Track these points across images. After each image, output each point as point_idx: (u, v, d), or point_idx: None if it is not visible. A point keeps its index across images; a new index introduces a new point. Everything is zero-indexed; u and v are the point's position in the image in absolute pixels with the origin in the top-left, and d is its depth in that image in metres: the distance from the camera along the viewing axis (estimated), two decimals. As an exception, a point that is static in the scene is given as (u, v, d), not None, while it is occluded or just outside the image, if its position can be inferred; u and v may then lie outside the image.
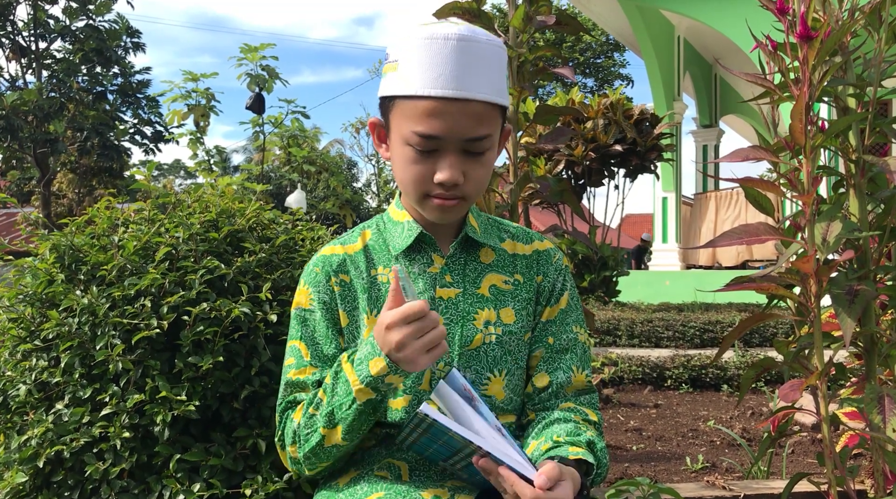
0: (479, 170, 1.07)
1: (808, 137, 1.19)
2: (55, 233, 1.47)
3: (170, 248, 1.35)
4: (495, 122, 1.07)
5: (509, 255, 1.18)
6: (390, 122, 1.08)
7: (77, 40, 14.79)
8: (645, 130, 6.65)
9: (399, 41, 1.07)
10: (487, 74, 1.04)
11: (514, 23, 1.78)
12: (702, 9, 9.38)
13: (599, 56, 18.49)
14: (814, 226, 1.21)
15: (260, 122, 8.46)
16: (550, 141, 1.82)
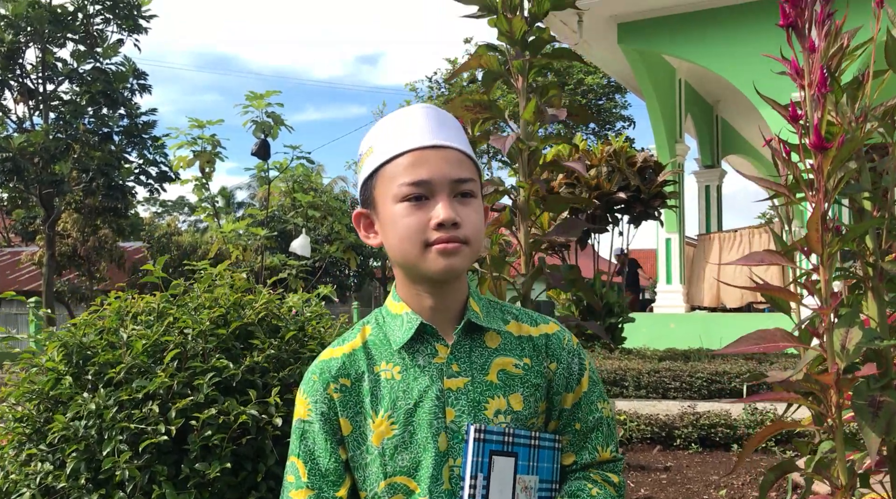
0: (471, 214, 1.09)
1: (824, 246, 1.17)
2: (65, 332, 1.46)
3: (179, 349, 1.33)
4: (475, 172, 1.12)
5: (515, 337, 1.17)
6: (376, 197, 1.11)
7: (84, 83, 14.94)
8: (648, 177, 6.67)
9: (369, 134, 1.15)
10: (457, 133, 1.13)
11: (526, 116, 1.79)
12: (703, 54, 9.47)
13: (601, 98, 18.67)
14: (832, 334, 1.20)
15: (265, 167, 8.51)
16: (562, 233, 1.81)
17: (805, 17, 1.26)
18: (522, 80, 1.83)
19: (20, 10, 13.17)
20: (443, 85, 19.65)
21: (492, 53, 1.86)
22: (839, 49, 1.28)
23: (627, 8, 9.66)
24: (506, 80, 1.73)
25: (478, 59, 1.89)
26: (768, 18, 8.91)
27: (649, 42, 9.93)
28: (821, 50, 1.25)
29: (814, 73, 1.25)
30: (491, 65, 1.84)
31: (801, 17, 1.26)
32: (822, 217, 1.17)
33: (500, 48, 1.89)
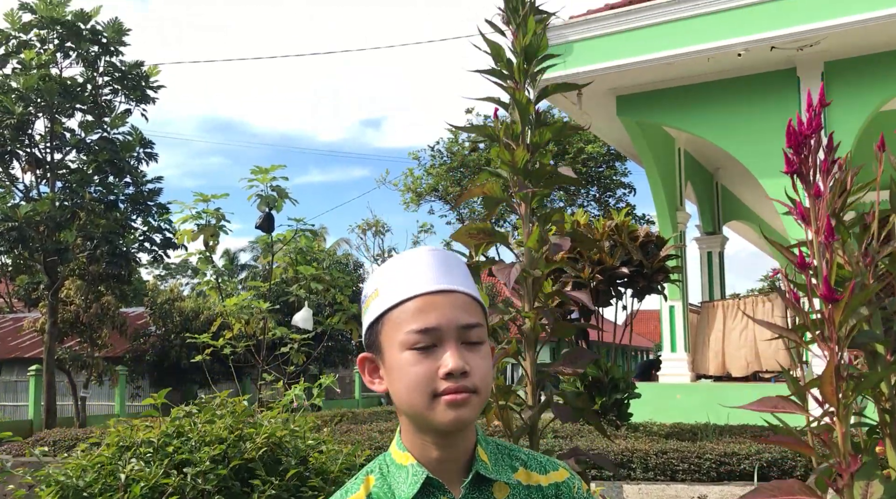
0: (480, 361, 1.07)
1: (839, 399, 1.15)
2: (60, 473, 1.43)
3: (177, 494, 1.31)
4: (483, 316, 1.11)
5: (524, 487, 1.14)
6: (382, 343, 1.09)
7: (91, 152, 15.14)
8: (651, 252, 6.70)
9: (374, 276, 1.14)
10: (464, 276, 1.11)
11: (530, 244, 1.80)
12: (702, 126, 9.60)
13: (601, 165, 18.89)
14: (853, 488, 1.17)
15: (269, 240, 8.56)
16: (570, 364, 1.80)
17: (809, 164, 1.27)
18: (525, 208, 1.85)
19: (31, 82, 13.44)
20: (445, 154, 19.92)
21: (495, 179, 1.88)
22: (843, 191, 1.29)
23: (626, 81, 9.82)
24: (508, 205, 1.74)
25: (481, 188, 1.91)
26: (767, 91, 9.06)
27: (648, 114, 10.08)
28: (826, 199, 1.25)
29: (820, 220, 1.25)
30: (494, 191, 1.87)
31: (805, 165, 1.26)
32: (836, 369, 1.15)
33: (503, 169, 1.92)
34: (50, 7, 14.18)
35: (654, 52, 9.06)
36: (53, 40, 14.78)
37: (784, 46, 8.31)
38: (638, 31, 9.25)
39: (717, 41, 8.59)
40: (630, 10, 9.29)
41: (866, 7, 7.53)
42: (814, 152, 1.26)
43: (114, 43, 15.23)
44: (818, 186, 1.25)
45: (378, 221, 24.88)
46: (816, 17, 7.87)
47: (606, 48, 9.50)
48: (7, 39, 14.05)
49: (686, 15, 8.84)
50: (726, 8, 8.55)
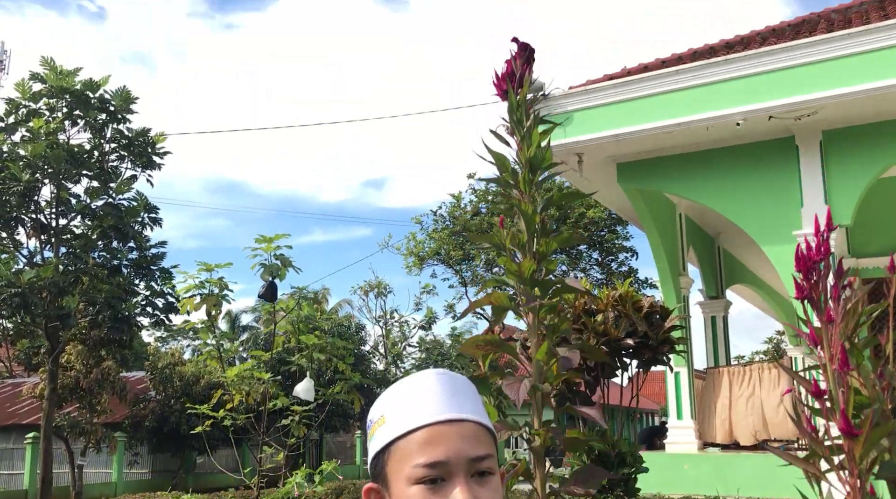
0: (491, 495, 1.04)
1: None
2: None
3: None
4: (492, 445, 1.08)
5: None
6: (388, 475, 1.07)
7: (96, 217, 15.23)
8: (655, 323, 6.68)
9: (380, 401, 1.12)
10: (473, 401, 1.09)
11: (539, 356, 1.80)
12: (703, 193, 9.69)
13: (603, 230, 19.00)
14: None
15: (272, 309, 8.55)
16: (580, 483, 1.78)
17: (820, 289, 1.27)
18: (533, 318, 1.86)
19: (39, 150, 13.61)
20: (447, 218, 20.07)
21: (502, 290, 1.90)
22: (855, 312, 1.29)
23: (625, 149, 9.95)
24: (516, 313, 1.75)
25: (488, 297, 1.92)
26: (766, 159, 9.16)
27: (648, 181, 10.17)
28: (839, 327, 1.25)
29: (834, 347, 1.24)
30: (501, 301, 1.88)
31: (815, 290, 1.27)
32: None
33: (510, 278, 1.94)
34: (60, 77, 14.46)
35: (652, 122, 9.20)
36: (62, 109, 15.02)
37: (782, 116, 8.44)
38: (636, 101, 9.41)
39: (715, 111, 8.73)
40: (628, 81, 9.48)
41: (862, 78, 7.68)
42: (823, 277, 1.27)
43: (121, 111, 15.47)
44: (830, 312, 1.25)
45: (380, 283, 24.91)
46: (813, 88, 8.01)
47: (606, 117, 9.65)
48: (17, 108, 14.29)
49: (684, 85, 9.00)
50: (724, 79, 8.72)
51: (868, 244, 10.69)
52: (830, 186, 8.49)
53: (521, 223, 1.98)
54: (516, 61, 2.25)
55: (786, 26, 10.38)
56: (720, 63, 8.72)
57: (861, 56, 7.69)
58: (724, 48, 10.26)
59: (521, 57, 2.25)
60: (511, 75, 2.20)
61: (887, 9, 9.31)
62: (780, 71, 8.28)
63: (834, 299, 1.26)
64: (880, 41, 7.56)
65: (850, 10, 10.19)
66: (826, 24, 9.71)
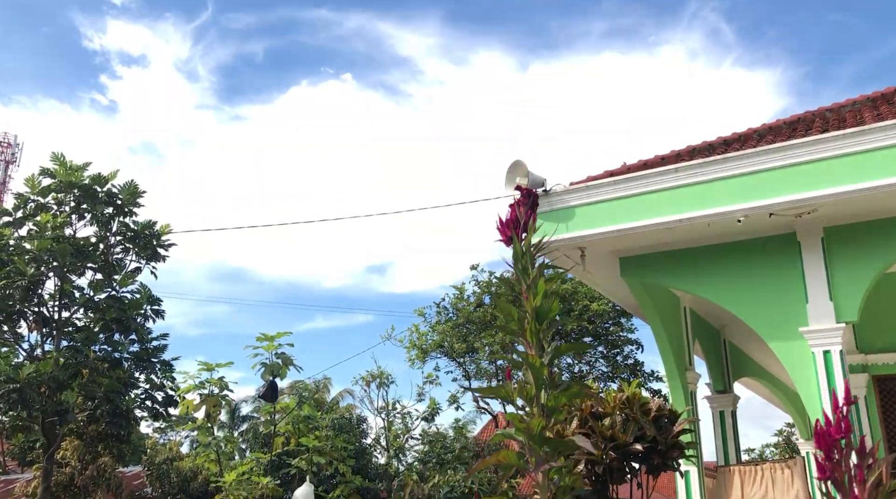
0: None
1: None
2: None
3: None
4: None
5: None
6: None
7: (99, 310, 15.20)
8: (664, 426, 6.54)
9: None
10: None
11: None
12: (706, 288, 9.65)
13: (607, 322, 18.93)
14: None
15: (272, 409, 8.40)
16: None
17: (843, 469, 1.23)
18: (544, 478, 1.81)
19: (45, 244, 13.73)
20: (451, 310, 20.02)
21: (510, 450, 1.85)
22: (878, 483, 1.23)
23: (628, 243, 9.97)
24: (524, 471, 1.70)
25: (496, 456, 1.88)
26: (768, 255, 9.16)
27: (651, 275, 10.16)
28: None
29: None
30: (509, 459, 1.83)
31: (838, 470, 1.22)
32: None
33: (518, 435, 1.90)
34: (69, 172, 14.72)
35: (654, 218, 9.24)
36: (70, 203, 15.23)
37: (782, 213, 8.49)
38: (637, 198, 9.49)
39: (715, 208, 8.78)
40: (629, 178, 9.57)
41: (860, 177, 7.75)
42: (846, 456, 1.22)
43: (128, 204, 15.69)
44: (854, 494, 1.20)
45: (382, 373, 24.60)
46: (812, 186, 8.07)
47: (607, 212, 9.71)
48: (26, 203, 14.50)
49: (684, 183, 9.09)
50: (723, 176, 8.80)
51: (876, 340, 10.58)
52: (834, 282, 8.46)
53: (528, 375, 1.94)
54: (520, 208, 2.25)
55: (782, 124, 10.58)
56: (719, 161, 8.83)
57: (858, 156, 7.79)
58: (722, 145, 10.43)
59: (524, 204, 2.26)
60: (515, 222, 2.20)
61: (880, 108, 9.51)
62: (779, 169, 8.36)
63: (859, 483, 1.22)
64: (875, 142, 7.68)
65: (843, 108, 10.41)
66: (821, 123, 9.89)
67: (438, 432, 26.57)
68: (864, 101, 10.43)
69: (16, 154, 72.08)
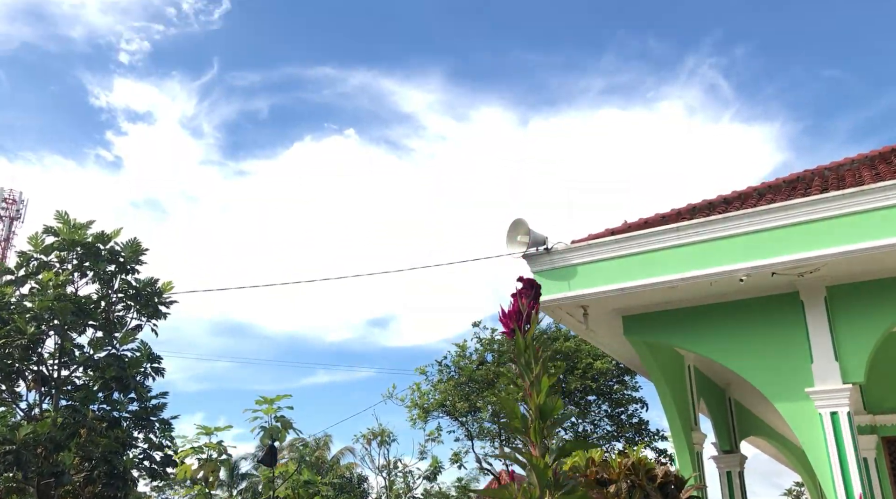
0: None
1: None
2: None
3: None
4: None
5: None
6: None
7: (98, 369, 15.07)
8: (671, 493, 6.42)
9: None
10: None
11: None
12: (710, 347, 9.59)
13: (611, 380, 18.74)
14: None
15: (271, 474, 8.27)
16: None
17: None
18: None
19: (46, 303, 13.69)
20: (453, 369, 19.87)
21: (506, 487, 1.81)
22: None
23: (630, 302, 9.94)
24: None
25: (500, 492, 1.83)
26: (771, 313, 9.12)
27: (655, 334, 10.10)
28: None
29: None
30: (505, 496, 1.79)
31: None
32: None
33: None
34: (72, 230, 14.78)
35: (656, 277, 9.23)
36: (72, 260, 15.24)
37: (784, 272, 8.47)
38: (639, 256, 9.49)
39: (717, 267, 8.77)
40: (630, 237, 9.60)
41: (861, 237, 7.75)
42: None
43: (130, 262, 15.70)
44: None
45: (384, 431, 24.28)
46: (814, 245, 8.07)
47: (609, 271, 9.70)
48: (28, 261, 14.51)
49: (686, 241, 9.10)
50: (725, 235, 8.82)
51: (884, 400, 10.45)
52: (839, 341, 8.39)
53: (532, 476, 1.91)
54: (522, 299, 2.23)
55: (781, 182, 10.65)
56: (720, 220, 8.86)
57: (858, 215, 7.81)
58: (723, 204, 10.48)
59: (527, 294, 2.24)
60: (518, 314, 2.18)
61: (878, 167, 9.58)
62: (780, 228, 8.38)
63: None
64: (875, 201, 7.71)
65: (841, 167, 10.49)
66: (820, 182, 9.96)
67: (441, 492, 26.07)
68: (862, 160, 10.51)
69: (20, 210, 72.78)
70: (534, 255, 10.18)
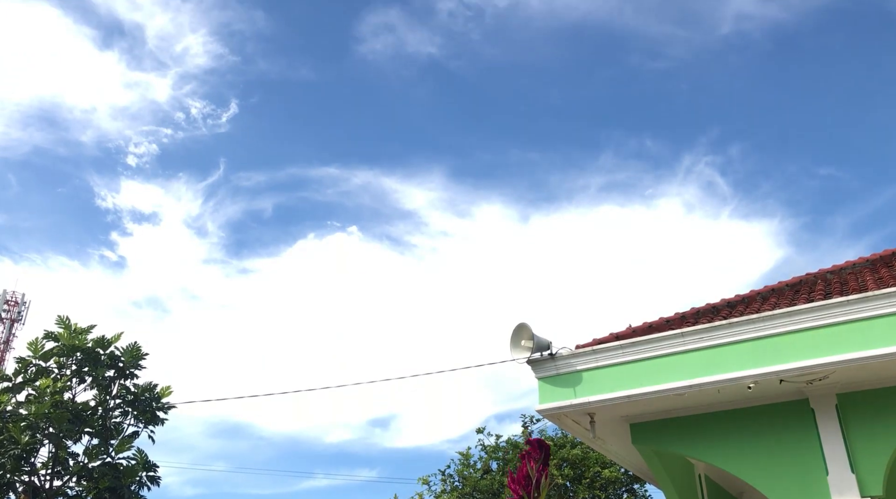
0: None
1: None
2: None
3: None
4: None
5: None
6: None
7: (92, 478, 14.70)
8: None
9: None
10: None
11: None
12: (720, 455, 9.33)
13: (621, 489, 18.21)
14: None
15: None
16: None
17: None
18: None
19: (42, 409, 13.46)
20: (456, 478, 19.36)
21: None
22: None
23: (637, 409, 9.74)
24: None
25: None
26: (781, 421, 8.91)
27: (663, 442, 9.85)
28: None
29: None
30: None
31: None
32: None
33: None
34: (73, 335, 14.71)
35: (662, 384, 9.08)
36: (71, 366, 15.11)
37: (793, 380, 8.34)
38: (645, 363, 9.37)
39: (724, 374, 8.63)
40: (636, 342, 9.50)
41: (869, 344, 7.66)
42: None
43: (130, 367, 15.56)
44: None
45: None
46: (821, 352, 7.96)
47: (615, 377, 9.55)
48: (26, 368, 14.38)
49: (691, 347, 9.00)
50: (732, 341, 8.72)
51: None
52: (854, 451, 8.16)
53: None
54: (531, 463, 2.18)
55: (784, 286, 10.64)
56: (725, 326, 8.79)
57: (863, 322, 7.75)
58: (727, 308, 10.43)
59: (536, 458, 2.18)
60: (527, 478, 2.12)
61: (880, 272, 9.58)
62: (786, 335, 8.30)
63: None
64: (879, 308, 7.67)
65: (844, 270, 10.50)
66: (823, 285, 9.94)
67: None
68: (863, 263, 10.54)
69: (22, 312, 72.68)
70: (538, 360, 10.05)
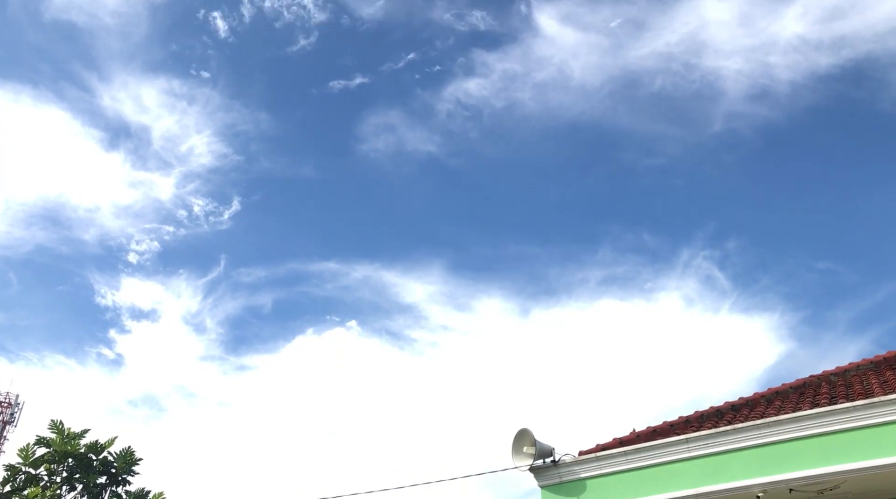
0: None
1: None
2: None
3: None
4: None
5: None
6: None
7: None
8: None
9: None
10: None
11: None
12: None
13: None
14: None
15: None
16: None
17: None
18: None
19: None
20: None
21: None
22: None
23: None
24: None
25: None
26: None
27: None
28: None
29: None
30: None
31: None
32: None
33: None
34: (66, 441, 14.40)
35: (668, 492, 8.85)
36: (62, 473, 14.73)
37: (803, 488, 8.13)
38: (650, 470, 9.16)
39: (731, 482, 8.43)
40: (640, 449, 9.30)
41: (885, 453, 7.48)
42: None
43: (122, 472, 15.16)
44: None
45: None
46: (834, 460, 7.78)
47: (620, 485, 9.32)
48: (16, 475, 14.01)
49: (699, 453, 8.81)
50: (736, 448, 8.55)
51: None
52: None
53: None
54: None
55: (788, 388, 10.51)
56: (730, 432, 8.63)
57: (872, 429, 7.62)
58: (731, 411, 10.29)
59: None
60: None
61: (884, 374, 9.50)
62: (793, 441, 8.15)
63: None
64: (887, 415, 7.55)
65: (847, 372, 10.40)
66: (828, 388, 9.83)
67: None
68: (868, 365, 10.45)
69: (14, 414, 71.35)
70: (541, 468, 9.83)
